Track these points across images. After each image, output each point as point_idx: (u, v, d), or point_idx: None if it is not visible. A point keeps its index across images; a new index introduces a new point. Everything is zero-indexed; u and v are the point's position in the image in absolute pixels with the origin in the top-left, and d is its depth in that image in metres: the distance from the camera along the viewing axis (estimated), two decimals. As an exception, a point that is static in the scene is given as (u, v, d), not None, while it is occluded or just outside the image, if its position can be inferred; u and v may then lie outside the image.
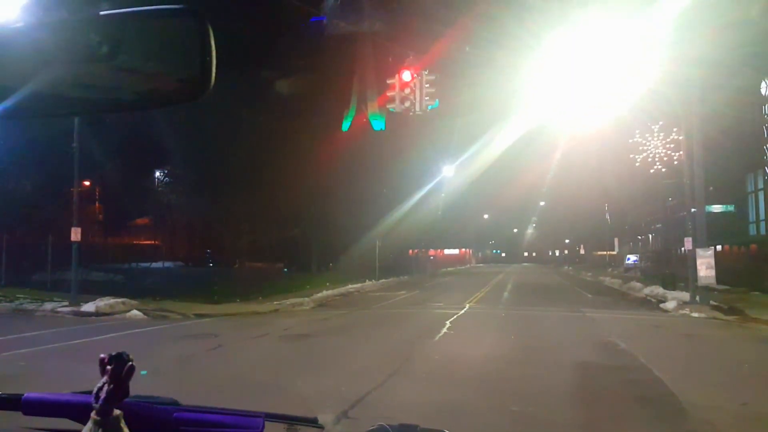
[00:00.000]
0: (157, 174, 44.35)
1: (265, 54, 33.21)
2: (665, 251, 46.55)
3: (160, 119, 28.96)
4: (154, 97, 1.27)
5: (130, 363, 1.36)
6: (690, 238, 21.26)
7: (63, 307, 19.08)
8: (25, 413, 1.74)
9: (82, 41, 1.16)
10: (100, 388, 1.32)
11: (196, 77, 1.19)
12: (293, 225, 37.00)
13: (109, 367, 1.34)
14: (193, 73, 1.19)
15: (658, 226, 55.81)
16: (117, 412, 1.32)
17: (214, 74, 1.17)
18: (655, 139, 41.86)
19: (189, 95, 1.21)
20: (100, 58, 1.16)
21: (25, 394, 1.74)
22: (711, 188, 29.00)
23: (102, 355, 1.36)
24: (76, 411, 1.53)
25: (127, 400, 1.45)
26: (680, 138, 27.47)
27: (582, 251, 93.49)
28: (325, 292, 27.40)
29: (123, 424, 1.32)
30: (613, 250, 73.53)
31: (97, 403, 1.31)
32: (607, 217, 74.06)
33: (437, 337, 13.68)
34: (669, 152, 40.35)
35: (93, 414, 1.30)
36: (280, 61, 34.01)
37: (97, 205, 44.07)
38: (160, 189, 44.99)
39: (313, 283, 31.18)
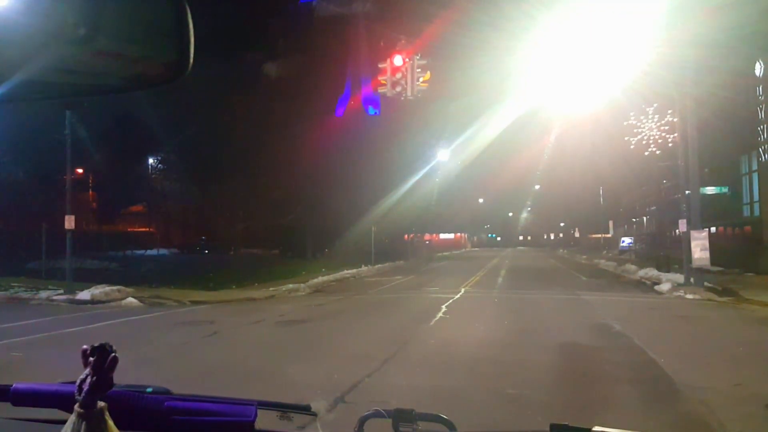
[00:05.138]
0: (151, 161, 44.16)
1: (257, 38, 33.02)
2: (660, 233, 46.69)
3: (152, 106, 28.80)
4: (133, 79, 1.23)
5: (113, 354, 1.33)
6: (684, 220, 21.30)
7: (58, 296, 19.08)
8: (15, 404, 1.71)
9: (58, 23, 1.12)
10: (83, 381, 1.29)
11: (175, 58, 1.15)
12: (288, 211, 36.95)
13: (91, 359, 1.30)
14: (172, 54, 1.15)
15: (652, 208, 55.93)
16: (101, 404, 1.29)
17: (192, 55, 1.13)
18: (650, 121, 41.80)
19: (168, 77, 1.18)
20: (77, 41, 1.12)
21: (14, 385, 1.71)
22: (705, 170, 29.03)
23: (84, 347, 1.33)
24: (65, 401, 1.50)
25: (117, 389, 1.42)
26: (675, 120, 27.46)
27: (577, 234, 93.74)
28: (320, 278, 27.42)
29: (107, 417, 1.29)
30: (608, 233, 73.74)
31: (80, 395, 1.28)
32: (602, 200, 74.22)
33: (433, 322, 13.70)
34: (663, 134, 40.31)
35: (76, 407, 1.27)
36: (272, 45, 33.84)
37: (90, 192, 43.93)
38: (153, 176, 44.83)
39: (309, 268, 31.21)
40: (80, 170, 36.65)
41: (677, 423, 6.24)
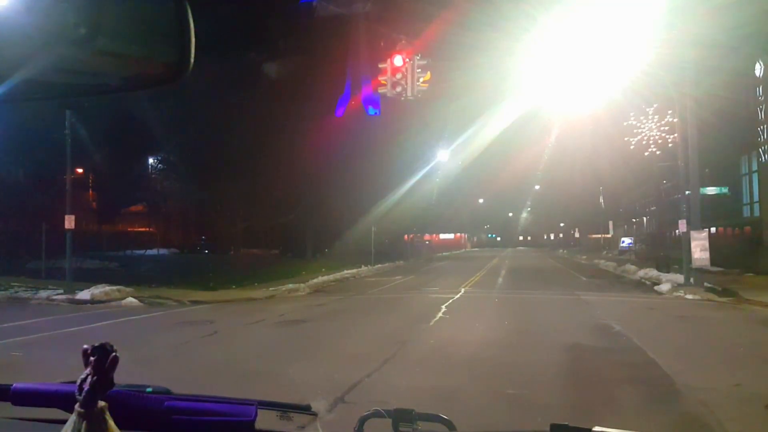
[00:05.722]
0: (151, 161, 44.15)
1: (257, 38, 33.00)
2: (660, 234, 46.76)
3: (153, 105, 28.79)
4: (133, 79, 1.23)
5: (114, 354, 1.33)
6: (684, 221, 21.31)
7: (58, 295, 19.08)
8: (15, 403, 1.71)
9: (59, 23, 1.12)
10: (84, 380, 1.29)
11: (175, 58, 1.15)
12: (288, 211, 36.92)
13: (92, 359, 1.31)
14: (172, 54, 1.15)
15: (652, 208, 56.01)
16: (101, 403, 1.29)
17: (193, 55, 1.13)
18: (650, 121, 41.84)
19: (169, 77, 1.18)
20: (78, 41, 1.13)
21: (14, 384, 1.71)
22: (705, 170, 29.05)
23: (85, 346, 1.33)
24: (65, 400, 1.50)
25: (117, 389, 1.42)
26: (674, 120, 27.48)
27: (577, 234, 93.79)
28: (320, 278, 27.42)
29: (107, 416, 1.29)
30: (608, 233, 73.80)
31: (80, 395, 1.28)
32: (602, 200, 74.24)
33: (432, 322, 13.70)
34: (663, 135, 40.34)
35: (77, 406, 1.28)
36: (272, 45, 33.81)
37: (90, 192, 43.95)
38: (153, 176, 44.82)
39: (309, 268, 31.21)
40: (80, 170, 36.68)
41: (677, 423, 6.24)
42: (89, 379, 1.28)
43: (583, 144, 58.46)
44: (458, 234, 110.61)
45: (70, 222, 19.96)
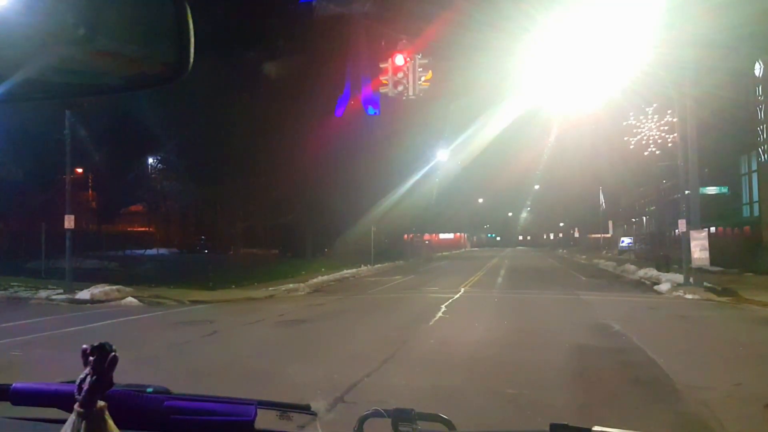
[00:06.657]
0: (150, 161, 44.13)
1: (257, 38, 33.01)
2: (659, 233, 46.73)
3: (152, 105, 28.77)
4: (133, 79, 1.23)
5: (113, 354, 1.33)
6: (684, 220, 21.30)
7: (58, 295, 19.09)
8: (14, 403, 1.71)
9: (58, 23, 1.12)
10: (83, 380, 1.29)
11: (175, 58, 1.15)
12: (288, 211, 36.92)
13: (91, 358, 1.30)
14: (172, 54, 1.15)
15: (652, 208, 56.00)
16: (101, 403, 1.29)
17: (192, 54, 1.13)
18: (649, 121, 41.84)
19: (168, 77, 1.18)
20: (77, 41, 1.13)
21: (13, 384, 1.71)
22: (705, 170, 29.06)
23: (84, 346, 1.33)
24: (65, 400, 1.50)
25: (116, 389, 1.42)
26: (674, 120, 27.48)
27: (576, 234, 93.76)
28: (320, 278, 27.43)
29: (107, 416, 1.29)
30: (608, 233, 73.76)
31: (80, 395, 1.28)
32: (602, 200, 74.24)
33: (432, 322, 13.70)
34: (663, 135, 40.35)
35: (76, 406, 1.27)
36: (272, 44, 33.82)
37: (90, 192, 43.89)
38: (153, 176, 44.80)
39: (309, 268, 31.22)
40: (80, 170, 36.63)
41: (677, 423, 6.23)
42: (89, 379, 1.28)
43: (582, 144, 58.53)
44: (458, 234, 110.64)
45: (69, 222, 19.96)
